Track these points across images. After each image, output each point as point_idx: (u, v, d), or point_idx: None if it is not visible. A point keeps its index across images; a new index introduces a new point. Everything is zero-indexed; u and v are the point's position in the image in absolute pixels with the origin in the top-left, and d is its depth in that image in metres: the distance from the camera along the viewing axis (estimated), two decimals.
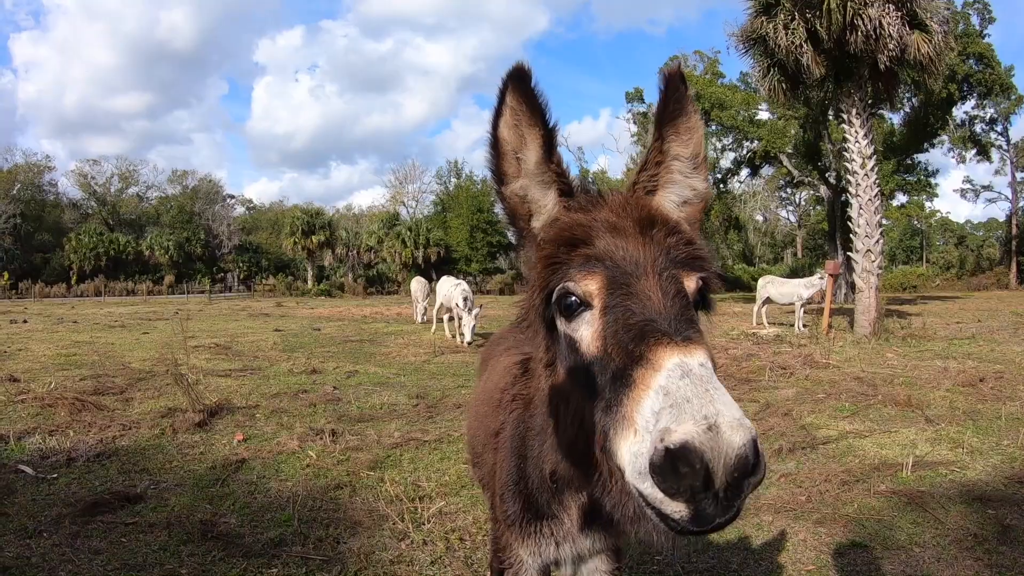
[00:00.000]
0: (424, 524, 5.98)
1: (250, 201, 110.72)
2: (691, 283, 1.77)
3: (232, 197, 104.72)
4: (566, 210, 1.98)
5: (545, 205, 2.03)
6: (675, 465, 1.34)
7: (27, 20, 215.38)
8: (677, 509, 1.39)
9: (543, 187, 2.01)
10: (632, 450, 1.45)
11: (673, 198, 2.09)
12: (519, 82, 1.93)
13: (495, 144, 1.99)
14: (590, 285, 1.74)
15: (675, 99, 2.09)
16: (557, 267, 1.83)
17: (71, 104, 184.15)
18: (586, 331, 1.73)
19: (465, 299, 19.57)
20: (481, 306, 20.45)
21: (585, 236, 1.83)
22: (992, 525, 5.74)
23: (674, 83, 2.09)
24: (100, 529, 5.83)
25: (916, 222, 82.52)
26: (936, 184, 64.64)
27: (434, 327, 23.64)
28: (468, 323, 19.17)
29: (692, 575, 5.15)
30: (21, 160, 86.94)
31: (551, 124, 1.96)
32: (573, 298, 1.76)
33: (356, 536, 5.76)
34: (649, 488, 1.41)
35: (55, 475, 7.17)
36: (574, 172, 2.03)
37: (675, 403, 1.39)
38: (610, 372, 1.60)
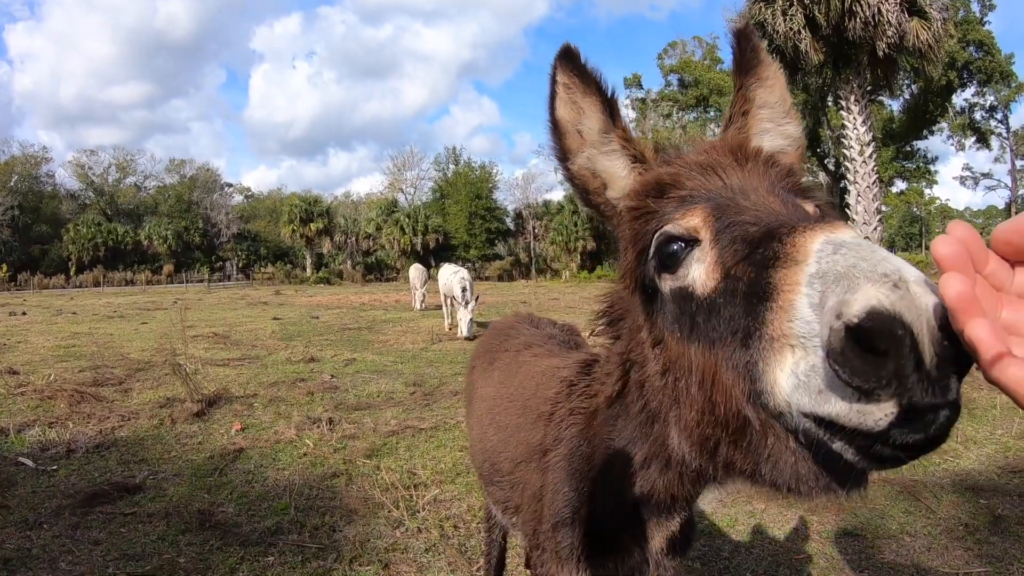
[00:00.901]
0: (419, 512, 6.05)
1: (248, 189, 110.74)
2: (809, 208, 1.47)
3: (230, 186, 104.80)
4: (645, 172, 1.79)
5: (617, 174, 1.85)
6: (866, 343, 0.98)
7: (22, 11, 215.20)
8: (880, 414, 1.01)
9: (611, 156, 1.85)
10: (797, 371, 1.13)
11: (766, 147, 1.81)
12: (568, 61, 1.83)
13: (554, 126, 1.86)
14: (693, 219, 1.48)
15: (751, 48, 1.95)
16: (648, 217, 1.60)
17: (68, 95, 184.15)
18: (698, 269, 1.43)
19: (463, 289, 19.55)
20: (478, 296, 20.43)
21: (674, 180, 1.60)
22: (984, 515, 5.76)
23: (747, 34, 1.95)
24: (99, 520, 5.90)
25: (915, 209, 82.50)
26: (935, 171, 64.71)
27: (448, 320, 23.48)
28: (465, 317, 19.09)
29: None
30: (18, 152, 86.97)
31: (609, 92, 1.83)
32: (675, 244, 1.48)
33: (352, 524, 5.82)
34: (836, 405, 1.06)
35: (55, 467, 7.24)
36: None
37: (839, 277, 1.06)
38: (740, 296, 1.29)
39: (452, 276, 20.76)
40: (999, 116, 63.72)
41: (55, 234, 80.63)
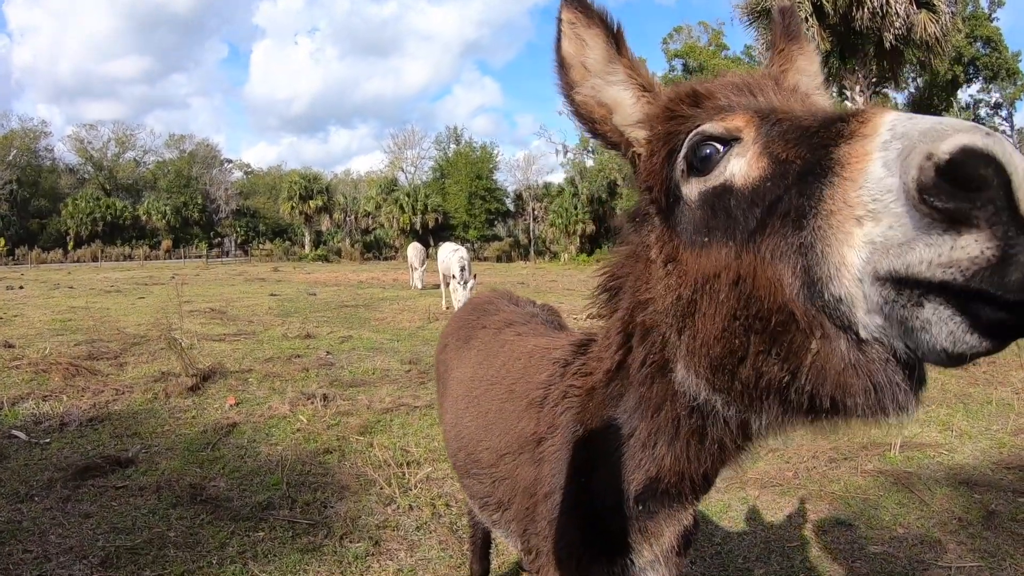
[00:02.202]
0: (411, 490, 6.05)
1: (248, 166, 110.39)
2: None
3: (230, 162, 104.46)
4: (655, 100, 1.71)
5: (624, 102, 1.76)
6: (959, 175, 0.94)
7: None
8: (977, 248, 0.93)
9: (617, 85, 1.77)
10: (872, 237, 1.05)
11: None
12: (573, 1, 1.78)
13: (560, 63, 1.81)
14: (735, 120, 1.39)
15: (795, 21, 1.96)
16: (682, 120, 1.51)
17: (67, 69, 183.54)
18: (738, 163, 1.35)
19: (462, 269, 19.51)
20: (476, 276, 20.38)
21: (710, 93, 1.53)
22: (977, 510, 5.74)
23: (792, 10, 1.99)
24: (91, 493, 5.89)
25: None
26: None
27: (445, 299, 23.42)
28: (462, 296, 19.06)
29: None
30: (17, 126, 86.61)
31: (614, 26, 1.78)
32: (710, 146, 1.40)
33: (343, 501, 5.82)
34: (926, 249, 0.98)
35: (48, 440, 7.23)
36: (574, 141, 1.91)
37: (924, 133, 1.01)
38: (792, 178, 1.21)
39: (451, 255, 20.73)
40: (1004, 113, 63.73)
41: (53, 208, 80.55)
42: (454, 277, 19.70)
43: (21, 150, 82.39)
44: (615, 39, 1.77)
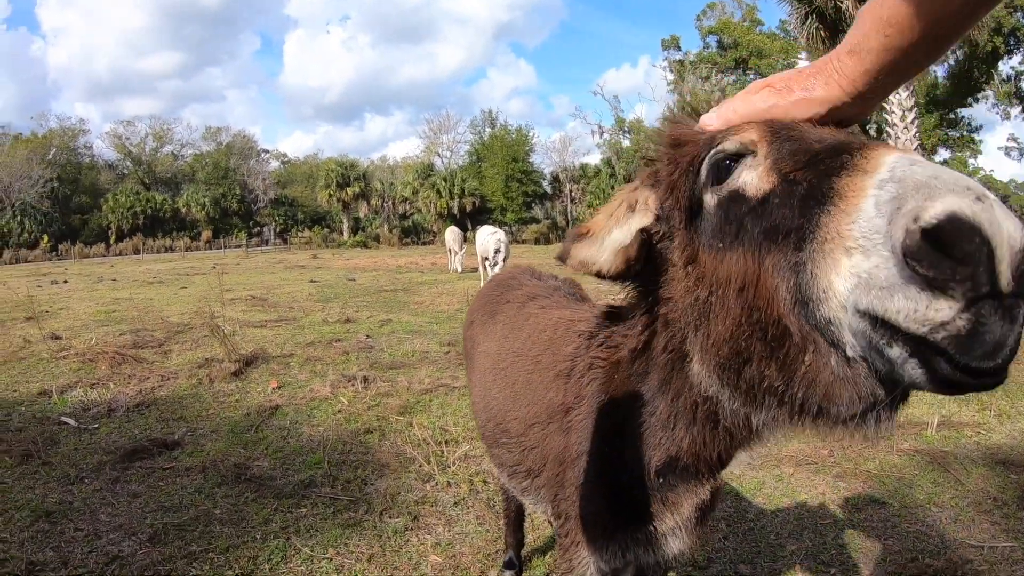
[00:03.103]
0: (449, 467, 6.13)
1: (284, 155, 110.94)
2: None
3: (267, 152, 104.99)
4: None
5: None
6: (943, 243, 0.98)
7: None
8: (948, 312, 0.98)
9: None
10: (857, 271, 1.09)
11: None
12: None
13: None
14: (747, 135, 1.43)
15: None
16: (698, 137, 1.56)
17: (102, 67, 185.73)
18: (750, 174, 1.40)
19: (496, 251, 19.56)
20: (506, 258, 20.37)
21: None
22: (1013, 490, 5.69)
23: None
24: (139, 474, 6.04)
25: None
26: (980, 140, 63.24)
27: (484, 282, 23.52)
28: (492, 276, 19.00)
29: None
30: (55, 125, 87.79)
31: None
32: (729, 159, 1.45)
33: (383, 478, 5.92)
34: (901, 300, 1.02)
35: (96, 425, 7.41)
36: (609, 121, 1.94)
37: (918, 185, 1.04)
38: (796, 199, 1.26)
39: (489, 237, 20.82)
40: None
41: (94, 204, 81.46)
42: (486, 259, 19.74)
43: (60, 149, 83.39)
44: None
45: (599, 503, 2.20)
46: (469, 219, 70.63)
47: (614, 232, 1.73)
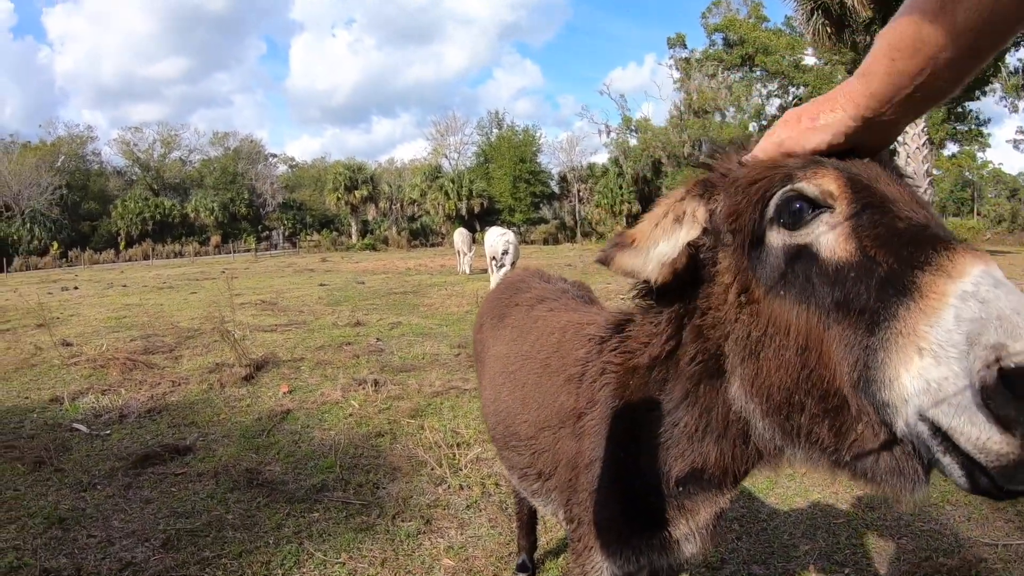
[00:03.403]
0: (461, 470, 6.12)
1: (292, 159, 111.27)
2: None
3: (274, 156, 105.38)
4: None
5: None
6: (1019, 385, 1.01)
7: None
8: (1006, 449, 1.04)
9: None
10: (927, 376, 1.11)
11: None
12: None
13: None
14: (827, 183, 1.39)
15: None
16: (772, 169, 1.49)
17: (109, 74, 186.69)
18: (828, 236, 1.37)
19: (504, 251, 19.56)
20: (514, 262, 20.37)
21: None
22: None
23: None
24: (151, 480, 6.05)
25: (967, 173, 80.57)
26: (988, 134, 62.99)
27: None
28: (496, 279, 19.07)
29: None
30: (64, 132, 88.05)
31: None
32: (802, 202, 1.41)
33: (395, 481, 5.92)
34: (964, 423, 1.07)
35: (108, 432, 7.42)
36: (616, 120, 1.93)
37: (1001, 315, 1.06)
38: (875, 280, 1.26)
39: (498, 238, 20.81)
40: None
41: (103, 210, 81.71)
42: (493, 259, 19.74)
43: (69, 156, 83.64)
44: None
45: (613, 508, 2.18)
46: (478, 220, 70.67)
47: (660, 244, 1.68)
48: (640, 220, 1.77)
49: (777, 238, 1.45)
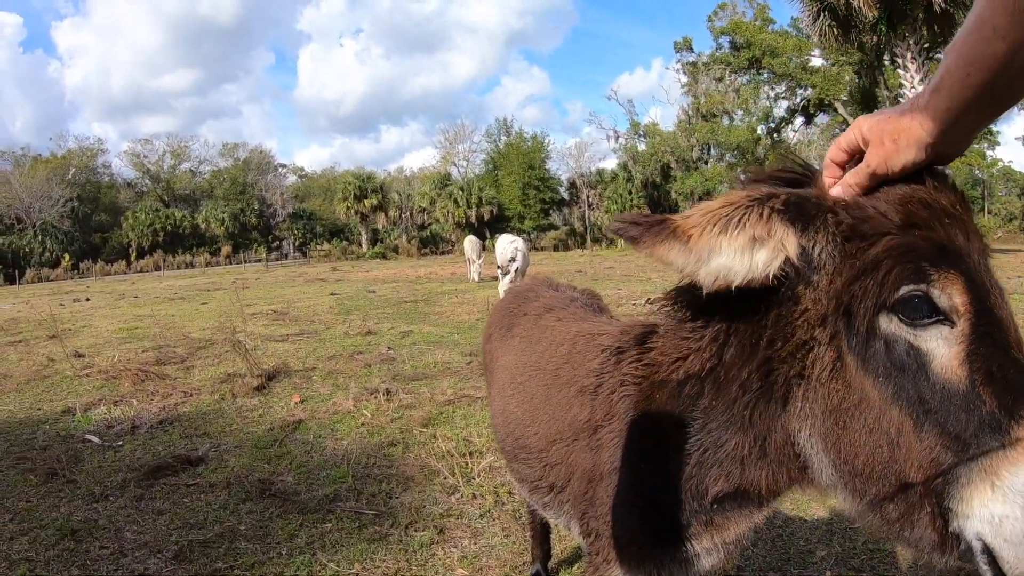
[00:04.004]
0: (474, 479, 6.09)
1: (301, 169, 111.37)
2: None
3: (284, 166, 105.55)
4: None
5: None
6: None
7: (67, 7, 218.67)
8: None
9: None
10: (992, 510, 1.26)
11: None
12: None
13: None
14: (956, 294, 1.36)
15: None
16: (902, 254, 1.39)
17: (118, 87, 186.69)
18: (941, 349, 1.37)
19: (512, 259, 19.56)
20: (519, 270, 20.37)
21: (927, 217, 1.42)
22: None
23: None
24: (163, 491, 6.04)
25: (977, 171, 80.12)
26: (998, 131, 62.69)
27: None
28: (504, 285, 19.07)
29: None
30: (74, 145, 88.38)
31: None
32: (927, 305, 1.38)
33: (408, 491, 5.89)
34: (1011, 554, 1.25)
35: (120, 443, 7.42)
36: (624, 126, 1.80)
37: None
38: (975, 415, 1.31)
39: (507, 245, 20.83)
40: None
41: (114, 222, 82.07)
42: (501, 267, 19.76)
43: (80, 168, 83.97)
44: None
45: (635, 523, 2.12)
46: (487, 228, 70.75)
47: (724, 257, 1.49)
48: (692, 211, 1.56)
49: (889, 326, 1.43)
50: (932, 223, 1.41)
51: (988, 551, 1.28)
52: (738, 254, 1.49)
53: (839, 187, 1.52)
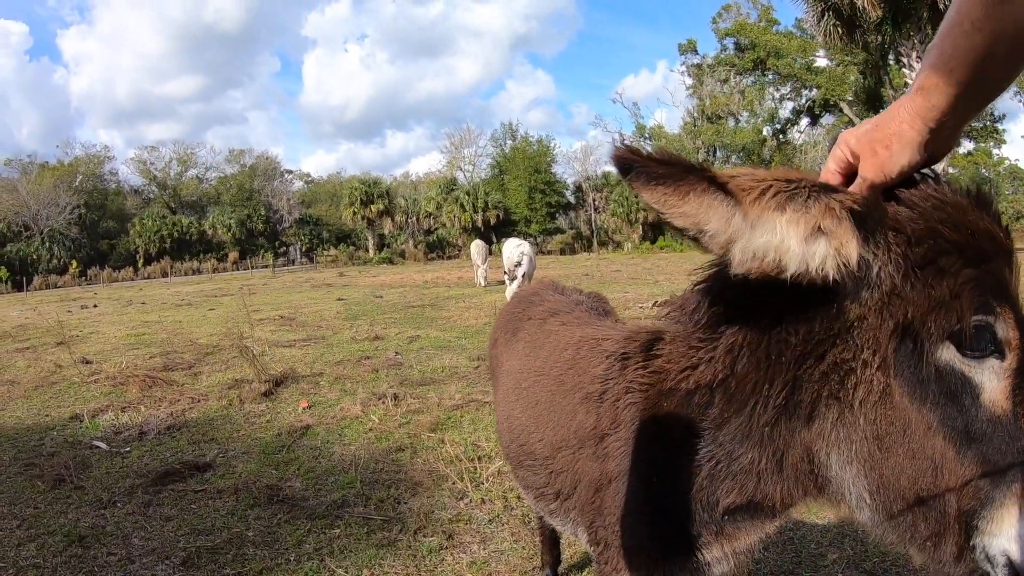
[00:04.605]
0: (483, 483, 6.07)
1: (308, 175, 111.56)
2: None
3: (290, 172, 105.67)
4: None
5: None
6: None
7: (73, 15, 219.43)
8: None
9: None
10: (1021, 531, 1.33)
11: None
12: None
13: None
14: (1009, 330, 1.38)
15: None
16: (977, 284, 1.36)
17: (124, 93, 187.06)
18: (992, 382, 1.38)
19: (517, 263, 19.54)
20: (525, 274, 20.33)
21: (991, 251, 1.41)
22: None
23: None
24: (171, 497, 6.03)
25: (983, 170, 79.99)
26: (1003, 130, 62.61)
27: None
28: (510, 291, 19.04)
29: None
30: (81, 152, 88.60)
31: None
32: (986, 336, 1.38)
33: (416, 496, 5.87)
34: None
35: (128, 449, 7.41)
36: (630, 128, 1.60)
37: None
38: (1014, 444, 1.35)
39: (513, 250, 20.79)
40: None
41: (121, 229, 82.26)
42: (507, 271, 19.77)
43: (86, 175, 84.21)
44: None
45: (643, 532, 2.07)
46: (494, 232, 70.78)
47: (775, 236, 1.29)
48: (737, 171, 1.35)
49: (945, 355, 1.39)
50: (994, 256, 1.40)
51: (1011, 565, 1.33)
52: (795, 238, 1.30)
53: None
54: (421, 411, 8.41)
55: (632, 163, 1.29)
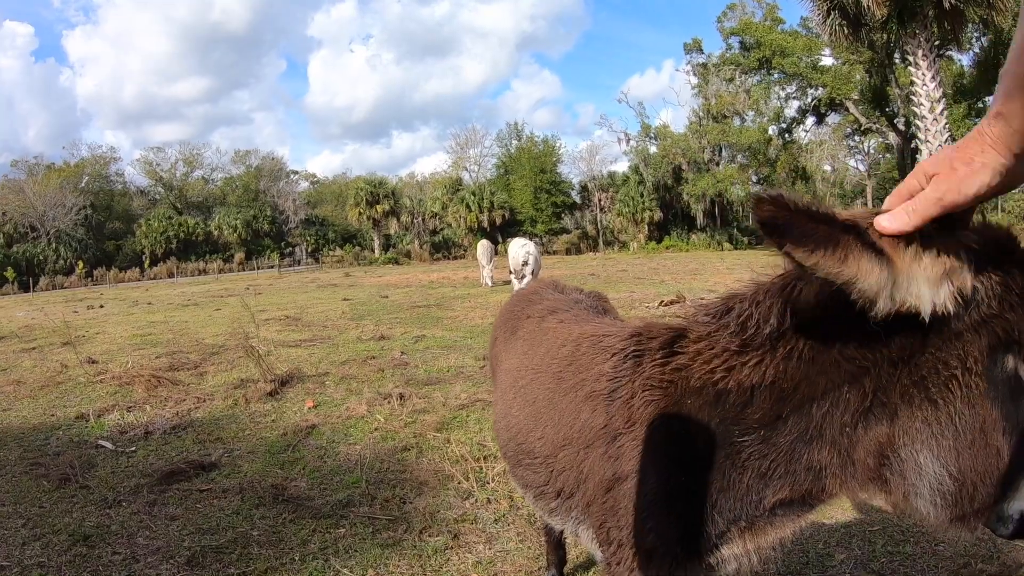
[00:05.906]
0: (488, 483, 6.06)
1: (313, 175, 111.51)
2: None
3: (296, 173, 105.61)
4: None
5: None
6: None
7: (78, 16, 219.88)
8: None
9: None
10: None
11: None
12: None
13: None
14: None
15: None
16: None
17: (130, 95, 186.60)
18: None
19: (524, 263, 19.54)
20: (534, 271, 20.31)
21: None
22: None
23: None
24: (176, 496, 6.02)
25: None
26: None
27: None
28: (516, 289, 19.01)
29: None
30: (87, 153, 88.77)
31: None
32: None
33: (422, 496, 5.86)
34: None
35: (133, 448, 7.41)
36: (635, 128, 1.68)
37: None
38: None
39: (519, 250, 20.84)
40: None
41: (128, 230, 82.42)
42: (513, 271, 19.76)
43: (93, 176, 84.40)
44: None
45: (663, 532, 2.02)
46: (500, 232, 70.72)
47: (914, 286, 1.35)
48: (861, 213, 1.41)
49: (1012, 363, 1.50)
50: None
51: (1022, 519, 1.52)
52: (930, 283, 1.36)
53: (892, 215, 1.39)
54: (427, 411, 8.41)
55: (779, 221, 1.28)
